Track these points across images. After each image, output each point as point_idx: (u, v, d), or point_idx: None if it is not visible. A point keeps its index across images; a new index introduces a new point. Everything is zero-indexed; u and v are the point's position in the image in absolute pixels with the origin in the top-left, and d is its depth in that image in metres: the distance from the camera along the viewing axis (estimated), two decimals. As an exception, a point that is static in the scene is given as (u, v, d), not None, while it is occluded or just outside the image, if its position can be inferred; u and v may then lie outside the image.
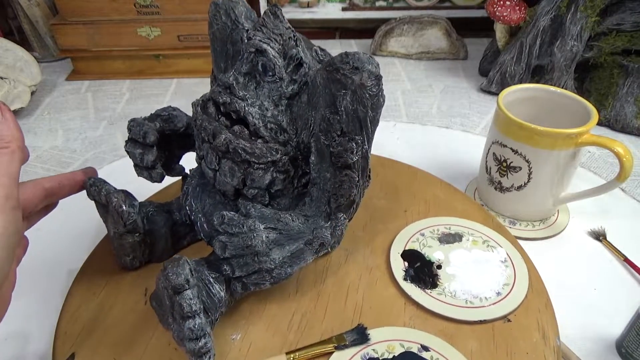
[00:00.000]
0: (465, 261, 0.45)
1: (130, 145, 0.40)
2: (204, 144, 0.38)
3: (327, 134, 0.36)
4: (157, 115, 0.41)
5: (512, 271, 0.44)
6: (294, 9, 1.07)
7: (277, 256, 0.35)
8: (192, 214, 0.40)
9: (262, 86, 0.36)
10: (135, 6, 0.89)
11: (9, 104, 0.79)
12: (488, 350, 0.37)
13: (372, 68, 0.34)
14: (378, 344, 0.36)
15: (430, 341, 0.37)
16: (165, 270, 0.31)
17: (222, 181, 0.38)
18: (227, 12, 0.40)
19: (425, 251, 0.45)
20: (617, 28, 0.76)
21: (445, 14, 1.03)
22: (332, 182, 0.38)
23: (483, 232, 0.48)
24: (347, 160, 0.36)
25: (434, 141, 0.77)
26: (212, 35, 0.41)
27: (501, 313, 0.39)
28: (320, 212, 0.38)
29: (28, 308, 0.48)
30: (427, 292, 0.41)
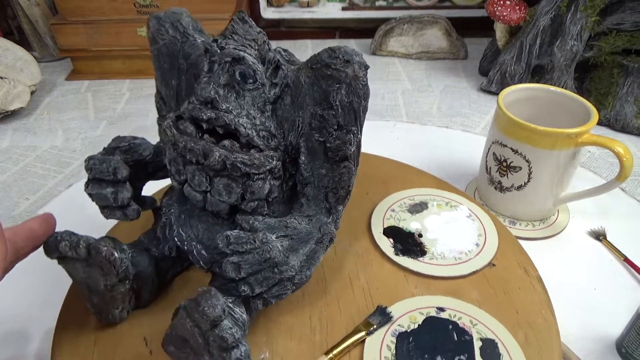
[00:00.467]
0: (439, 224, 0.48)
1: (95, 186, 0.35)
2: (188, 166, 0.35)
3: (322, 130, 0.37)
4: (115, 147, 0.37)
5: (479, 223, 0.49)
6: (294, 9, 1.07)
7: (295, 262, 0.35)
8: (185, 244, 0.37)
9: (242, 95, 0.35)
10: (135, 6, 0.89)
11: (8, 103, 0.79)
12: (489, 294, 0.41)
13: (360, 59, 0.36)
14: (400, 318, 0.38)
15: (442, 302, 0.40)
16: (200, 306, 0.29)
17: (215, 201, 0.36)
18: (174, 24, 0.38)
19: (402, 224, 0.48)
20: (617, 28, 0.76)
21: (445, 13, 1.03)
22: (330, 177, 0.38)
23: (442, 195, 0.52)
24: (345, 152, 0.37)
25: (434, 141, 0.77)
26: (157, 52, 0.39)
27: (486, 261, 0.44)
28: (320, 209, 0.39)
29: (28, 308, 0.48)
30: (419, 260, 0.44)
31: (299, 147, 0.38)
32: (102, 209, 0.36)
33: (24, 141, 0.76)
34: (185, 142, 0.34)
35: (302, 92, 0.37)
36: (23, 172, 0.69)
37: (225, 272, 0.33)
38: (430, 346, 0.36)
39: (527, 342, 0.38)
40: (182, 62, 0.38)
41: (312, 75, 0.36)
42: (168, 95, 0.41)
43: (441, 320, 0.38)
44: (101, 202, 0.36)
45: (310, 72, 0.36)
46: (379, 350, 0.36)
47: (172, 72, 0.39)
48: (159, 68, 0.39)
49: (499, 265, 0.44)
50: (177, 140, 0.34)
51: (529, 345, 0.37)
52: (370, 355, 0.35)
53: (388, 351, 0.36)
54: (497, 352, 0.36)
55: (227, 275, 0.33)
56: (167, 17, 0.38)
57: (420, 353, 0.35)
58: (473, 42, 1.06)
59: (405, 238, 0.46)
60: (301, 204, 0.38)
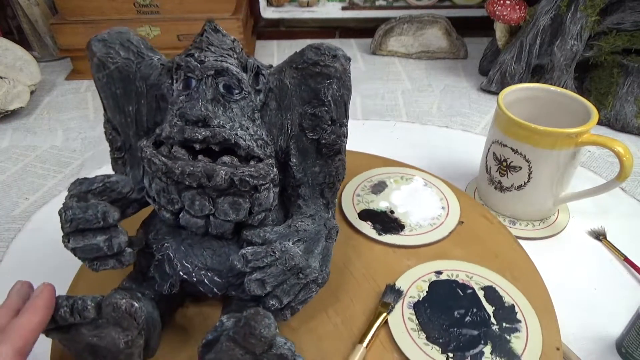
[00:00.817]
0: (404, 198, 0.52)
1: (78, 238, 0.31)
2: (186, 192, 0.32)
3: (316, 128, 0.37)
4: (86, 191, 0.33)
5: (436, 189, 0.54)
6: (294, 8, 1.07)
7: (315, 263, 0.35)
8: (193, 275, 0.35)
9: (230, 107, 0.33)
10: (134, 5, 0.89)
11: (8, 103, 0.79)
12: (469, 248, 0.47)
13: (343, 52, 0.36)
14: (409, 290, 0.41)
15: (436, 266, 0.44)
16: (257, 330, 0.27)
17: (219, 223, 0.34)
18: (124, 45, 0.36)
19: (372, 206, 0.51)
20: (617, 27, 0.76)
21: (445, 13, 1.03)
22: (325, 172, 0.39)
23: (394, 172, 0.56)
24: (340, 145, 0.38)
25: (434, 141, 0.77)
26: (107, 78, 0.36)
27: (456, 220, 0.49)
28: (318, 206, 0.39)
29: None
30: (401, 234, 0.47)
31: (289, 151, 0.38)
32: (91, 262, 0.32)
33: (24, 141, 0.76)
34: (182, 168, 0.31)
35: (288, 94, 0.36)
36: (23, 171, 0.69)
37: (250, 291, 0.32)
38: (445, 306, 0.40)
39: (515, 278, 0.43)
40: (139, 85, 0.36)
41: (298, 76, 0.36)
42: (123, 123, 0.38)
43: (443, 282, 0.42)
44: (91, 254, 0.32)
45: (296, 73, 0.36)
46: (403, 324, 0.38)
47: (128, 97, 0.36)
48: (110, 96, 0.36)
49: (466, 221, 0.50)
50: (171, 167, 0.31)
51: (518, 280, 0.43)
52: (398, 330, 0.38)
53: (411, 322, 0.39)
54: (498, 294, 0.41)
55: (252, 293, 0.32)
56: (114, 38, 0.35)
57: (439, 315, 0.39)
58: (473, 41, 1.05)
59: (381, 218, 0.49)
60: (299, 206, 0.38)
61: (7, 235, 0.58)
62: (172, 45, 0.92)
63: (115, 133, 0.38)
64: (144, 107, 0.37)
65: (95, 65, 0.36)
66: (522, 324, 0.39)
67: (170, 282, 0.35)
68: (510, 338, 0.38)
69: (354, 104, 0.87)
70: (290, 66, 0.37)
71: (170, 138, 0.32)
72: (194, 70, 0.33)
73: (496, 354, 0.36)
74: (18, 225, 0.59)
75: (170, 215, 0.34)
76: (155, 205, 0.35)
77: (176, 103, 0.33)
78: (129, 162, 0.39)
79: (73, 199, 0.32)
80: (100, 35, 0.36)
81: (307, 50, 0.36)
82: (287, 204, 0.40)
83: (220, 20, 0.89)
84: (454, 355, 0.36)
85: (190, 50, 0.35)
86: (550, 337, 0.39)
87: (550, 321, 0.40)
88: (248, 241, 0.35)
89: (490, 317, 0.39)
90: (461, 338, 0.38)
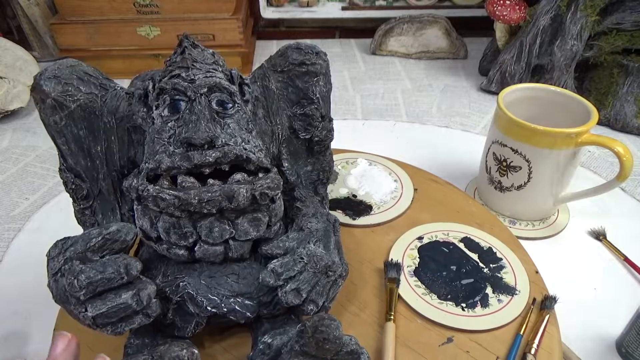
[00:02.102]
0: (359, 180, 0.54)
1: (99, 302, 0.28)
2: (202, 222, 0.30)
3: (308, 127, 0.37)
4: (84, 250, 0.29)
5: (381, 165, 0.56)
6: (294, 8, 1.07)
7: (336, 258, 0.35)
8: (223, 307, 0.32)
9: (225, 123, 0.32)
10: (134, 5, 0.89)
11: (8, 103, 0.79)
12: (433, 209, 0.50)
13: (319, 48, 0.36)
14: (404, 261, 0.44)
15: (414, 233, 0.47)
16: (330, 335, 0.26)
17: (239, 245, 0.32)
18: (82, 79, 0.32)
19: (334, 195, 0.53)
20: (617, 27, 0.76)
21: (445, 13, 1.03)
22: (317, 169, 0.39)
23: (336, 159, 0.57)
24: (331, 140, 0.38)
25: (434, 140, 0.77)
26: (67, 119, 0.32)
27: (411, 189, 0.53)
28: (315, 204, 0.39)
29: (28, 308, 0.48)
30: (372, 214, 0.50)
31: (280, 156, 0.38)
32: (116, 325, 0.29)
33: (24, 141, 0.76)
34: (199, 196, 0.29)
35: (275, 99, 0.36)
36: (23, 171, 0.69)
37: (287, 303, 0.31)
38: (441, 265, 0.43)
39: (480, 225, 0.48)
40: (108, 120, 0.33)
41: (284, 78, 0.36)
42: (90, 167, 0.34)
43: (428, 245, 0.46)
44: (117, 316, 0.28)
45: (282, 76, 0.36)
46: (413, 291, 0.41)
47: (94, 136, 0.33)
48: (72, 139, 0.33)
49: (420, 188, 0.53)
50: (186, 199, 0.29)
51: (483, 227, 0.47)
52: (412, 298, 0.40)
53: (419, 288, 0.41)
54: (475, 242, 0.46)
55: (290, 304, 0.31)
56: (69, 72, 0.32)
57: (439, 274, 0.42)
58: (473, 41, 1.05)
59: (347, 203, 0.51)
60: (298, 208, 0.38)
61: (7, 235, 0.58)
62: (172, 45, 0.91)
63: (79, 181, 0.34)
64: (114, 144, 0.34)
65: (49, 107, 0.32)
66: (504, 260, 0.44)
67: (195, 322, 0.32)
68: (501, 275, 0.43)
69: (354, 104, 0.87)
70: (273, 70, 0.36)
71: (174, 168, 0.30)
72: (184, 92, 0.31)
73: (497, 292, 0.41)
74: (18, 225, 0.59)
75: (185, 250, 0.32)
76: (160, 245, 0.32)
77: (164, 130, 0.31)
78: (99, 210, 0.35)
79: (74, 262, 0.28)
80: (49, 72, 0.31)
81: (289, 51, 0.36)
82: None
83: (220, 20, 0.89)
84: (466, 304, 0.40)
85: (173, 70, 0.33)
86: (528, 265, 0.44)
87: (521, 252, 0.45)
88: (268, 256, 0.33)
89: (478, 263, 0.44)
90: (464, 288, 0.41)
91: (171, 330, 0.33)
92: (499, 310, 0.39)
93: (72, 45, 0.92)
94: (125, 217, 0.35)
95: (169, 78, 0.32)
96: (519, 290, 0.41)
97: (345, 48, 1.08)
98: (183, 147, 0.30)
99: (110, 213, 0.36)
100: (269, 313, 0.34)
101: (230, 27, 0.90)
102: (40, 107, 0.32)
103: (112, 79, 0.35)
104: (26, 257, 0.54)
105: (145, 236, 0.33)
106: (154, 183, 0.30)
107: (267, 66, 0.37)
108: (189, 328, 0.33)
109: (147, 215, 0.32)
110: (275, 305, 0.33)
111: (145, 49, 0.93)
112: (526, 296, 0.41)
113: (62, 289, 0.28)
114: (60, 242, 0.30)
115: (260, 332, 0.34)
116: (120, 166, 0.35)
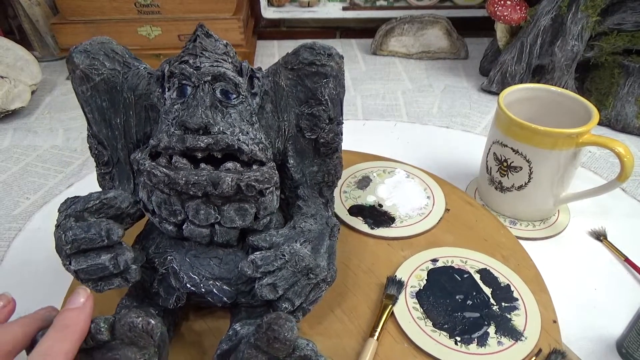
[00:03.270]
0: (389, 191, 0.53)
1: (81, 259, 0.30)
2: (190, 202, 0.32)
3: (314, 128, 0.37)
4: (82, 210, 0.32)
5: (419, 179, 0.55)
6: (295, 8, 1.07)
7: (323, 262, 0.35)
8: (201, 287, 0.34)
9: (227, 113, 0.33)
10: (135, 5, 0.89)
11: (9, 103, 0.79)
12: (459, 234, 0.49)
13: (336, 50, 0.36)
14: (409, 280, 0.42)
15: (431, 254, 0.45)
16: (281, 334, 0.26)
17: (225, 231, 0.33)
18: (109, 55, 0.34)
19: (360, 201, 0.51)
20: (618, 28, 0.75)
21: (446, 13, 1.03)
22: (323, 171, 0.39)
23: (375, 166, 0.57)
24: (338, 143, 0.38)
25: (435, 141, 0.77)
26: (92, 91, 0.34)
27: (442, 208, 0.51)
28: (317, 205, 0.39)
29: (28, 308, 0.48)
30: (392, 227, 0.48)
31: (286, 152, 0.38)
32: (96, 282, 0.31)
33: (25, 140, 0.76)
34: (186, 178, 0.30)
35: (284, 95, 0.37)
36: (24, 171, 0.70)
37: (262, 296, 0.32)
38: (446, 292, 0.41)
39: (506, 259, 0.45)
40: (128, 96, 0.35)
41: (294, 76, 0.36)
42: (110, 136, 0.36)
43: (440, 269, 0.44)
44: (96, 275, 0.31)
45: (292, 74, 0.36)
46: (409, 313, 0.40)
47: (115, 109, 0.35)
48: (96, 109, 0.35)
49: (452, 208, 0.52)
50: (174, 178, 0.30)
51: (508, 261, 0.45)
52: (405, 320, 0.39)
53: (416, 311, 0.40)
54: (493, 276, 0.43)
55: (265, 298, 0.32)
56: (97, 48, 0.34)
57: (442, 302, 0.41)
58: (474, 42, 1.05)
59: (370, 212, 0.50)
60: (299, 207, 0.38)
61: (8, 235, 0.58)
62: (173, 45, 0.92)
63: (102, 147, 0.37)
64: (132, 119, 0.36)
65: (78, 78, 0.34)
66: (520, 301, 0.41)
67: (176, 296, 0.34)
68: (511, 316, 0.40)
69: (355, 104, 0.87)
70: (285, 67, 0.37)
71: (169, 148, 0.31)
72: (190, 77, 0.32)
73: (500, 333, 0.38)
74: (19, 225, 0.59)
75: (173, 227, 0.33)
76: (155, 218, 0.34)
77: (171, 112, 0.32)
78: (117, 177, 0.38)
79: (70, 219, 0.31)
80: (81, 46, 0.34)
81: (302, 50, 0.36)
82: (283, 206, 0.40)
83: (221, 21, 0.89)
84: (461, 338, 0.37)
85: (184, 56, 0.34)
86: (546, 311, 0.41)
87: (543, 296, 0.42)
88: (254, 247, 0.34)
89: (489, 299, 0.41)
90: (465, 321, 0.39)
91: (157, 299, 0.35)
92: (496, 353, 0.36)
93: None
94: (138, 187, 0.37)
95: (178, 63, 0.34)
96: (525, 336, 0.38)
97: (345, 48, 1.08)
98: (181, 129, 0.31)
99: (126, 181, 0.38)
100: (247, 302, 0.35)
101: (231, 27, 0.90)
102: (72, 77, 0.35)
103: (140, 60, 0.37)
104: (27, 257, 0.55)
105: (144, 207, 0.35)
106: (155, 159, 0.32)
107: (280, 62, 0.37)
108: (171, 300, 0.34)
109: (145, 187, 0.33)
110: (254, 296, 0.34)
111: (146, 49, 0.93)
112: (532, 345, 0.37)
113: (57, 240, 0.32)
114: (70, 199, 0.33)
115: (237, 319, 0.35)
116: (137, 140, 0.37)
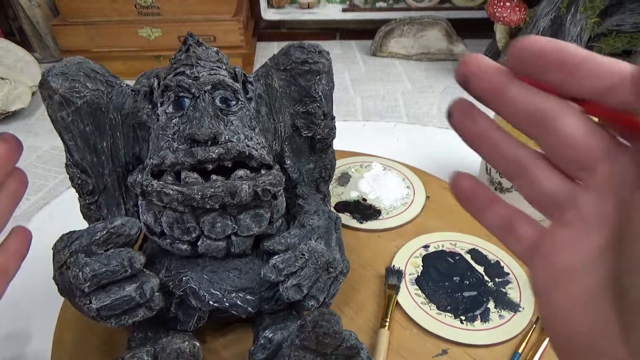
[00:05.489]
0: (371, 184, 0.53)
1: (103, 295, 0.29)
2: (205, 217, 0.31)
3: (310, 125, 0.37)
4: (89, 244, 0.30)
5: (396, 171, 0.56)
6: (295, 10, 1.07)
7: (337, 254, 0.35)
8: (224, 301, 0.33)
9: (229, 120, 0.32)
10: (135, 7, 0.89)
11: (9, 104, 0.79)
12: (444, 218, 0.49)
13: (323, 47, 0.36)
14: (406, 268, 0.43)
15: (421, 241, 0.46)
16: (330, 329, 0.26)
17: (241, 240, 0.32)
18: (89, 76, 0.33)
19: (344, 197, 0.52)
20: (617, 29, 0.76)
21: (446, 15, 1.03)
22: (319, 167, 0.40)
23: (351, 162, 0.57)
24: (333, 138, 0.38)
25: (434, 142, 0.77)
26: (74, 115, 0.33)
27: (423, 196, 0.52)
28: (317, 201, 0.39)
29: (28, 308, 0.48)
30: (380, 219, 0.49)
31: (283, 153, 0.38)
32: (119, 317, 0.29)
33: (25, 142, 0.76)
34: (202, 192, 0.29)
35: (278, 97, 0.37)
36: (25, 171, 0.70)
37: (288, 299, 0.31)
38: (443, 275, 0.43)
39: (489, 237, 0.44)
40: (114, 116, 0.34)
41: (287, 77, 0.36)
42: (95, 162, 0.35)
43: (433, 254, 0.45)
44: (121, 308, 0.29)
45: (285, 74, 0.36)
46: (412, 300, 0.41)
47: (100, 132, 0.34)
48: (78, 135, 0.33)
49: (432, 195, 0.53)
50: (189, 194, 0.29)
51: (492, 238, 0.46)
52: (411, 307, 0.40)
53: (419, 297, 0.41)
54: (482, 254, 0.45)
55: (291, 299, 0.31)
56: (76, 69, 0.32)
57: (441, 285, 0.42)
58: (473, 43, 1.06)
59: (356, 207, 0.51)
60: (300, 205, 0.39)
61: (8, 236, 0.58)
62: (174, 46, 0.92)
63: (85, 176, 0.35)
64: (120, 140, 0.34)
65: (56, 103, 0.32)
66: (511, 275, 0.43)
67: (197, 317, 0.33)
68: (506, 290, 0.42)
69: (355, 105, 0.87)
70: (276, 69, 0.37)
71: (177, 164, 0.30)
72: (188, 89, 0.32)
73: (500, 307, 0.40)
74: (19, 226, 0.59)
75: (187, 245, 0.32)
76: (165, 240, 0.32)
77: (169, 127, 0.31)
78: (104, 205, 0.36)
79: (79, 255, 0.29)
80: (57, 68, 0.32)
81: (292, 50, 0.36)
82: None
83: (221, 22, 0.90)
84: (465, 317, 0.39)
85: (178, 68, 0.33)
86: None
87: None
88: (270, 251, 0.34)
89: (483, 276, 0.43)
90: (466, 300, 0.41)
91: (174, 324, 0.33)
92: (499, 326, 0.38)
93: (73, 46, 0.92)
94: (129, 212, 0.36)
95: (173, 75, 0.33)
96: (522, 307, 0.40)
97: (345, 49, 1.08)
98: (187, 143, 0.30)
99: (115, 208, 0.36)
100: (270, 308, 0.34)
101: (231, 28, 0.90)
102: (48, 103, 0.32)
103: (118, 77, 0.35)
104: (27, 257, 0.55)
105: (149, 231, 0.33)
106: (158, 178, 0.31)
107: (271, 64, 0.37)
108: (191, 322, 0.33)
109: (151, 210, 0.32)
110: (277, 300, 0.34)
111: (146, 51, 0.93)
112: (530, 314, 0.39)
113: (67, 281, 0.29)
114: (66, 235, 0.31)
115: (262, 327, 0.34)
116: (126, 162, 0.35)
